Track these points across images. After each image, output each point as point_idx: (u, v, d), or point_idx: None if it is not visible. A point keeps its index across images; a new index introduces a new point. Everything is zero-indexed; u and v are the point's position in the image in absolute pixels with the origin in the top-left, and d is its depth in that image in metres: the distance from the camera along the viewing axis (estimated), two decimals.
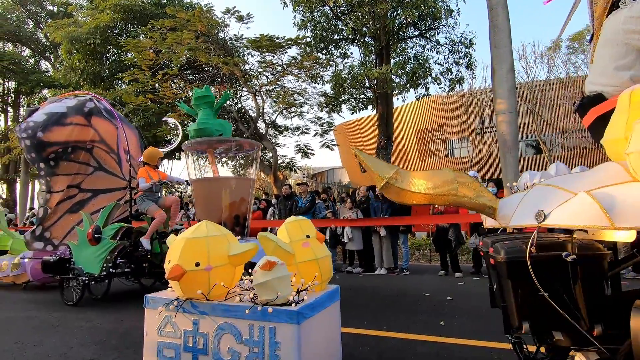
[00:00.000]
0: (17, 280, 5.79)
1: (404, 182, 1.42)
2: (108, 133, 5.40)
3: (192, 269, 1.92)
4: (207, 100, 4.31)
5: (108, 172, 5.44)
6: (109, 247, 4.35)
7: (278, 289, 1.82)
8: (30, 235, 4.99)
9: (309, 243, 2.28)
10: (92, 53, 13.26)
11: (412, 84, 9.98)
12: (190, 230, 2.09)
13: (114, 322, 3.56)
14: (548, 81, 18.99)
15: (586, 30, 17.19)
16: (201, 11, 10.86)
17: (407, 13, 9.32)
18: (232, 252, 2.02)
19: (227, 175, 9.16)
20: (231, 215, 4.01)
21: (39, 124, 4.84)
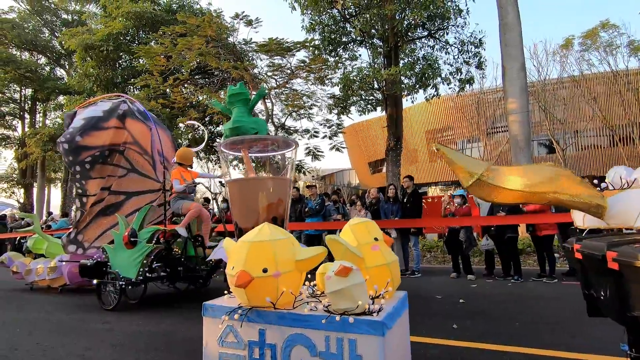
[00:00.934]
0: (53, 283, 5.74)
1: (497, 179, 1.33)
2: (141, 134, 5.33)
3: (259, 276, 1.79)
4: (241, 98, 4.17)
5: (141, 174, 5.34)
6: (145, 251, 4.27)
7: (357, 297, 1.68)
8: (66, 238, 5.02)
9: (378, 246, 2.13)
10: (105, 60, 13.55)
11: (422, 84, 9.93)
12: (253, 234, 1.96)
13: (132, 324, 3.63)
14: (561, 79, 18.67)
15: (599, 26, 16.88)
16: (211, 17, 11.02)
17: (415, 14, 9.29)
18: (299, 257, 1.89)
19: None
20: (269, 217, 3.82)
21: (77, 129, 4.94)
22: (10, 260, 6.25)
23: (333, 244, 2.02)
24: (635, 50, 16.42)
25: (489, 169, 1.35)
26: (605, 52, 17.05)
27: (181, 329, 3.38)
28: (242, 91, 4.16)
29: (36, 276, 5.81)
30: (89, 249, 5.04)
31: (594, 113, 17.59)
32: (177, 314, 4.00)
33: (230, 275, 1.87)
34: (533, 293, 4.71)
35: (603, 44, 16.98)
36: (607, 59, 17.03)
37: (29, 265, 5.99)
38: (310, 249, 1.94)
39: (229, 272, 1.92)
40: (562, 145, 18.48)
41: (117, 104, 5.24)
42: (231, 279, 1.86)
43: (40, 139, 16.39)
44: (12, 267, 6.11)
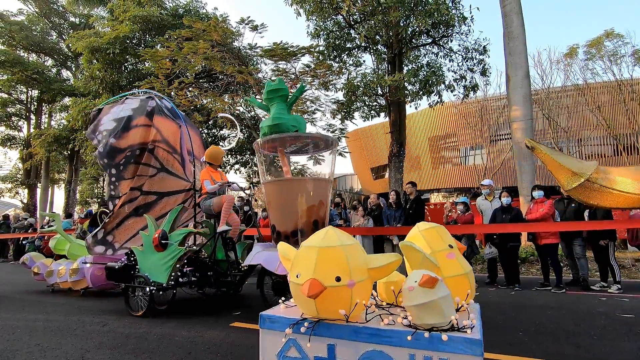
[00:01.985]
0: (75, 286, 5.50)
1: (607, 181, 1.25)
2: (170, 132, 5.13)
3: (332, 285, 1.61)
4: (280, 94, 3.94)
5: (171, 173, 5.12)
6: (176, 254, 4.00)
7: (446, 311, 1.52)
8: (91, 238, 4.79)
9: (454, 254, 1.96)
10: (111, 62, 13.68)
11: (425, 91, 9.96)
12: (318, 238, 1.80)
13: (131, 326, 3.62)
14: (564, 88, 18.67)
15: (604, 35, 16.89)
16: (217, 21, 11.11)
17: (420, 21, 9.34)
18: (373, 265, 1.73)
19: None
20: (310, 220, 3.61)
21: (110, 131, 4.86)
22: (32, 261, 6.09)
23: (409, 251, 1.84)
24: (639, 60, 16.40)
25: (598, 170, 1.29)
26: (609, 61, 17.05)
27: (181, 332, 3.36)
28: (281, 87, 3.94)
29: (58, 278, 5.61)
30: (119, 250, 4.85)
31: (598, 122, 17.54)
32: (180, 317, 3.99)
33: (295, 284, 1.70)
34: (536, 302, 4.67)
35: (607, 53, 16.98)
36: (612, 68, 17.03)
37: (51, 267, 5.82)
38: (384, 256, 1.78)
39: (293, 280, 1.75)
40: (567, 153, 18.41)
41: (145, 101, 5.09)
42: (296, 288, 1.70)
43: (45, 139, 16.51)
44: (33, 268, 5.95)
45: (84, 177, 25.85)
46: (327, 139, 4.18)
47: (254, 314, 4.01)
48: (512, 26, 8.45)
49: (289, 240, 3.55)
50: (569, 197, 5.73)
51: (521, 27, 8.47)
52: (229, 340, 3.09)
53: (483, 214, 6.49)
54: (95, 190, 29.68)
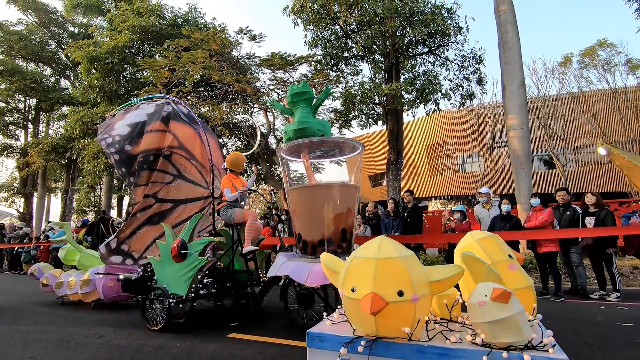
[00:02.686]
0: (86, 298, 5.26)
1: None
2: (187, 138, 4.93)
3: (395, 300, 1.49)
4: (305, 97, 3.81)
5: (189, 180, 4.91)
6: (197, 265, 3.76)
7: (524, 328, 1.40)
8: (105, 248, 4.57)
9: (515, 265, 1.83)
10: (109, 71, 13.74)
11: (422, 99, 10.04)
12: (373, 248, 1.67)
13: (126, 338, 3.57)
14: (560, 96, 18.86)
15: (597, 44, 17.14)
16: (215, 31, 11.22)
17: (416, 31, 9.46)
18: (434, 278, 1.60)
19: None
20: (338, 229, 3.44)
21: (124, 137, 4.69)
22: (40, 272, 5.85)
23: (472, 262, 1.70)
24: (633, 69, 16.63)
25: None
26: (603, 70, 17.27)
27: (177, 344, 3.32)
28: (305, 90, 3.81)
29: (68, 290, 5.37)
30: (140, 260, 4.62)
31: (594, 129, 17.69)
32: (177, 328, 3.94)
33: (350, 299, 1.58)
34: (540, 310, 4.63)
35: (601, 62, 17.22)
36: (606, 76, 17.24)
37: (60, 278, 5.58)
38: (444, 268, 1.65)
39: (347, 294, 1.61)
40: (562, 160, 18.52)
41: (161, 106, 4.93)
42: (351, 303, 1.57)
43: (42, 148, 16.49)
44: (42, 279, 5.72)
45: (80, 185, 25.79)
46: (353, 143, 3.99)
47: (251, 325, 3.98)
48: (507, 36, 8.57)
49: (317, 250, 3.43)
50: (564, 205, 5.76)
51: (516, 37, 8.58)
52: (227, 352, 3.05)
53: (481, 222, 6.50)
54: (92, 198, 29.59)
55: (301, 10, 10.52)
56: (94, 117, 12.74)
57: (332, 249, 3.34)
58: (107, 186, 19.14)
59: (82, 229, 9.65)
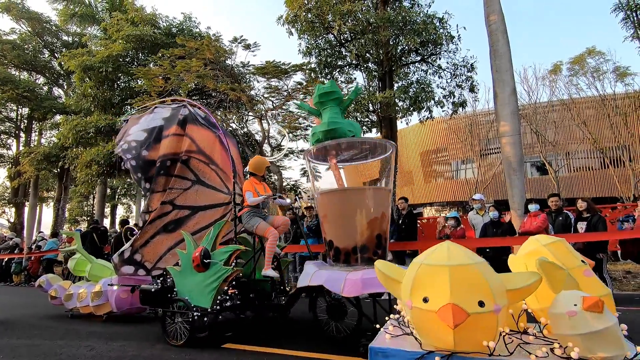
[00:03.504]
0: (97, 311, 5.00)
1: None
2: (206, 142, 4.71)
3: (476, 311, 1.36)
4: (333, 97, 3.67)
5: (208, 186, 4.68)
6: (222, 275, 3.53)
7: (622, 341, 1.29)
8: (118, 258, 4.36)
9: (590, 271, 1.72)
10: (103, 80, 13.72)
11: (415, 107, 10.15)
12: (442, 255, 1.56)
13: (119, 350, 3.51)
14: (551, 103, 19.16)
15: (586, 52, 17.50)
16: (210, 40, 11.28)
17: (409, 40, 9.60)
18: (512, 286, 1.47)
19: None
20: (372, 234, 3.28)
21: (141, 142, 4.55)
22: (49, 284, 5.62)
23: (550, 269, 1.56)
24: (621, 76, 16.98)
25: None
26: (592, 77, 17.61)
27: (170, 355, 3.27)
28: (333, 89, 3.70)
29: (78, 302, 5.12)
30: (153, 270, 4.40)
31: (584, 136, 17.96)
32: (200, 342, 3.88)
33: (423, 310, 1.45)
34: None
35: (590, 69, 17.56)
36: (595, 83, 17.57)
37: (70, 290, 5.33)
38: (521, 275, 1.52)
39: (417, 305, 1.49)
40: (555, 166, 18.75)
41: (177, 109, 4.77)
42: (423, 315, 1.45)
43: (34, 157, 16.33)
44: (50, 292, 5.49)
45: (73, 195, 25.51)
46: (385, 143, 3.79)
47: (246, 334, 3.93)
48: (497, 44, 8.71)
49: (350, 257, 3.28)
50: (557, 210, 5.82)
51: (506, 45, 8.73)
52: None
53: (475, 228, 6.54)
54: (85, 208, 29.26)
55: (295, 19, 10.63)
56: (87, 125, 12.68)
57: (367, 256, 3.24)
58: (100, 195, 18.96)
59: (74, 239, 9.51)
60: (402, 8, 10.41)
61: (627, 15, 11.70)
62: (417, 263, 1.62)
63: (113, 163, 12.67)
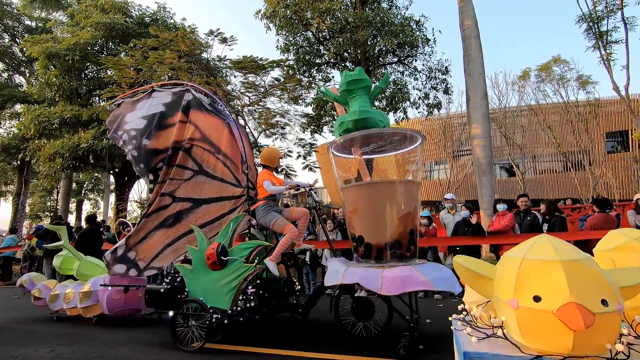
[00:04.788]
0: (86, 313, 4.61)
1: None
2: (212, 130, 4.33)
3: (601, 311, 1.25)
4: (362, 85, 3.46)
5: (213, 176, 4.29)
6: (242, 273, 3.27)
7: None
8: (110, 255, 4.06)
9: None
10: (70, 69, 13.04)
11: (392, 107, 10.30)
12: (547, 249, 1.43)
13: (82, 351, 3.35)
14: (519, 108, 19.99)
15: (552, 61, 18.36)
16: (185, 32, 10.95)
17: (386, 41, 9.72)
18: (625, 283, 1.36)
19: None
20: (406, 230, 3.14)
21: (140, 131, 4.18)
22: (32, 283, 5.18)
23: None
24: (583, 84, 17.95)
25: None
26: (557, 85, 18.52)
27: (137, 356, 3.16)
28: (362, 77, 3.50)
29: (64, 303, 4.73)
30: (146, 270, 4.07)
31: (549, 140, 18.87)
32: (141, 338, 3.74)
33: (534, 310, 1.32)
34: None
35: (556, 77, 18.45)
36: (560, 91, 18.50)
37: (55, 290, 4.93)
38: (632, 272, 1.41)
39: (526, 304, 1.35)
40: (522, 168, 19.60)
41: (180, 94, 4.38)
42: (535, 315, 1.30)
43: None
44: (33, 292, 5.07)
45: (35, 189, 24.14)
46: (413, 134, 3.60)
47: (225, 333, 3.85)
48: (471, 49, 8.97)
49: (383, 253, 3.12)
50: (525, 210, 6.08)
51: (479, 51, 9.01)
52: None
53: (446, 227, 6.72)
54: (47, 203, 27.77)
55: (273, 15, 10.51)
56: (51, 116, 12.01)
57: (401, 253, 3.13)
58: (64, 190, 18.04)
59: (34, 236, 9.02)
60: (380, 9, 10.51)
61: (589, 27, 12.36)
62: (515, 258, 1.49)
63: (79, 156, 12.09)
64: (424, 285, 2.73)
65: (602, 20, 12.19)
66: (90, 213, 18.36)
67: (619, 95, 12.23)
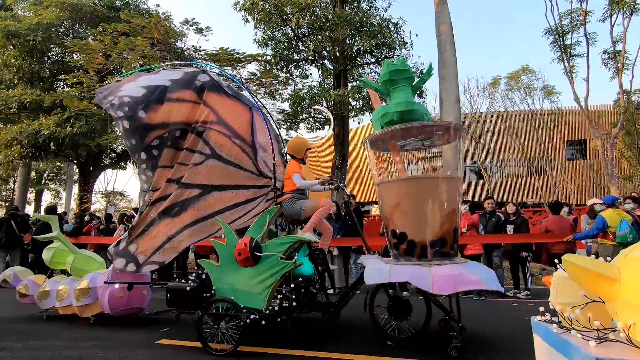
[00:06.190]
0: (84, 312, 4.14)
1: None
2: (231, 114, 3.99)
3: None
4: (406, 76, 3.31)
5: (227, 161, 3.92)
6: (279, 270, 3.02)
7: None
8: (113, 249, 3.75)
9: None
10: (31, 50, 12.25)
11: (368, 108, 10.41)
12: None
13: (38, 348, 3.17)
14: (489, 113, 20.78)
15: (521, 70, 19.21)
16: (158, 19, 10.57)
17: (364, 41, 9.80)
18: None
19: None
20: (451, 226, 3.04)
21: (137, 100, 3.71)
22: (17, 278, 4.64)
23: None
24: (548, 94, 18.92)
25: None
26: (525, 93, 19.41)
27: (97, 353, 3.02)
28: (405, 67, 3.37)
29: (57, 301, 4.26)
30: (145, 265, 3.71)
31: (515, 146, 19.76)
32: (100, 335, 3.58)
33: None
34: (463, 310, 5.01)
35: (523, 85, 19.33)
36: (527, 99, 19.40)
37: (45, 286, 4.44)
38: None
39: (631, 298, 1.32)
40: (489, 172, 20.41)
41: (194, 74, 4.02)
42: None
43: None
44: (18, 288, 4.54)
45: None
46: (455, 127, 3.49)
47: (184, 329, 3.76)
48: (445, 54, 9.21)
49: (427, 251, 3.01)
50: (491, 212, 6.34)
51: (453, 56, 9.27)
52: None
53: None
54: (3, 192, 26.01)
55: (252, 7, 10.34)
56: (8, 100, 11.24)
57: (445, 251, 3.04)
58: (22, 179, 16.98)
59: None
60: (359, 9, 10.59)
61: (555, 40, 13.03)
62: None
63: (39, 144, 11.40)
64: (476, 284, 2.69)
65: (567, 34, 12.88)
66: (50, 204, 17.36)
67: (579, 106, 12.97)
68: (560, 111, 18.77)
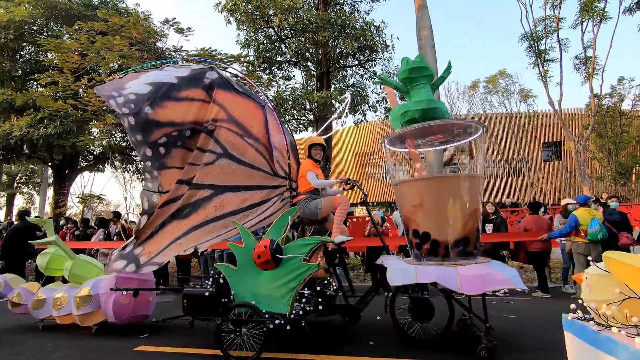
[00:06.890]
0: (85, 321, 3.87)
1: None
2: (242, 111, 3.87)
3: None
4: (425, 74, 3.27)
5: (240, 161, 3.79)
6: (302, 273, 2.91)
7: None
8: (118, 252, 3.61)
9: None
10: (2, 49, 11.79)
11: (351, 109, 10.48)
12: None
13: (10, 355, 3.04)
14: (468, 116, 21.26)
15: (498, 74, 19.76)
16: (137, 18, 10.35)
17: (347, 43, 9.89)
18: None
19: None
20: (474, 226, 3.00)
21: (143, 96, 3.57)
22: (7, 287, 4.31)
23: None
24: (524, 97, 19.53)
25: None
26: (502, 96, 19.97)
27: None
28: (425, 65, 3.33)
29: (54, 310, 3.97)
30: (146, 266, 3.56)
31: (494, 147, 20.30)
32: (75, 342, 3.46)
33: None
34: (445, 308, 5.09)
35: (501, 89, 19.90)
36: (504, 102, 19.96)
37: (40, 294, 4.12)
38: None
39: None
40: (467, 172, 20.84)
41: (202, 71, 3.88)
42: None
43: None
44: (10, 297, 4.21)
45: None
46: (475, 124, 3.42)
47: (162, 335, 3.68)
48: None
49: (450, 250, 2.97)
50: None
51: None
52: None
53: (398, 227, 6.97)
54: None
55: (234, 8, 10.27)
56: None
57: (469, 250, 3.00)
58: None
59: None
60: (342, 12, 10.68)
61: (530, 45, 13.46)
62: None
63: (11, 146, 10.95)
64: (505, 283, 2.66)
65: (541, 40, 13.33)
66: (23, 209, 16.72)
67: (554, 109, 13.44)
68: (536, 114, 19.40)
